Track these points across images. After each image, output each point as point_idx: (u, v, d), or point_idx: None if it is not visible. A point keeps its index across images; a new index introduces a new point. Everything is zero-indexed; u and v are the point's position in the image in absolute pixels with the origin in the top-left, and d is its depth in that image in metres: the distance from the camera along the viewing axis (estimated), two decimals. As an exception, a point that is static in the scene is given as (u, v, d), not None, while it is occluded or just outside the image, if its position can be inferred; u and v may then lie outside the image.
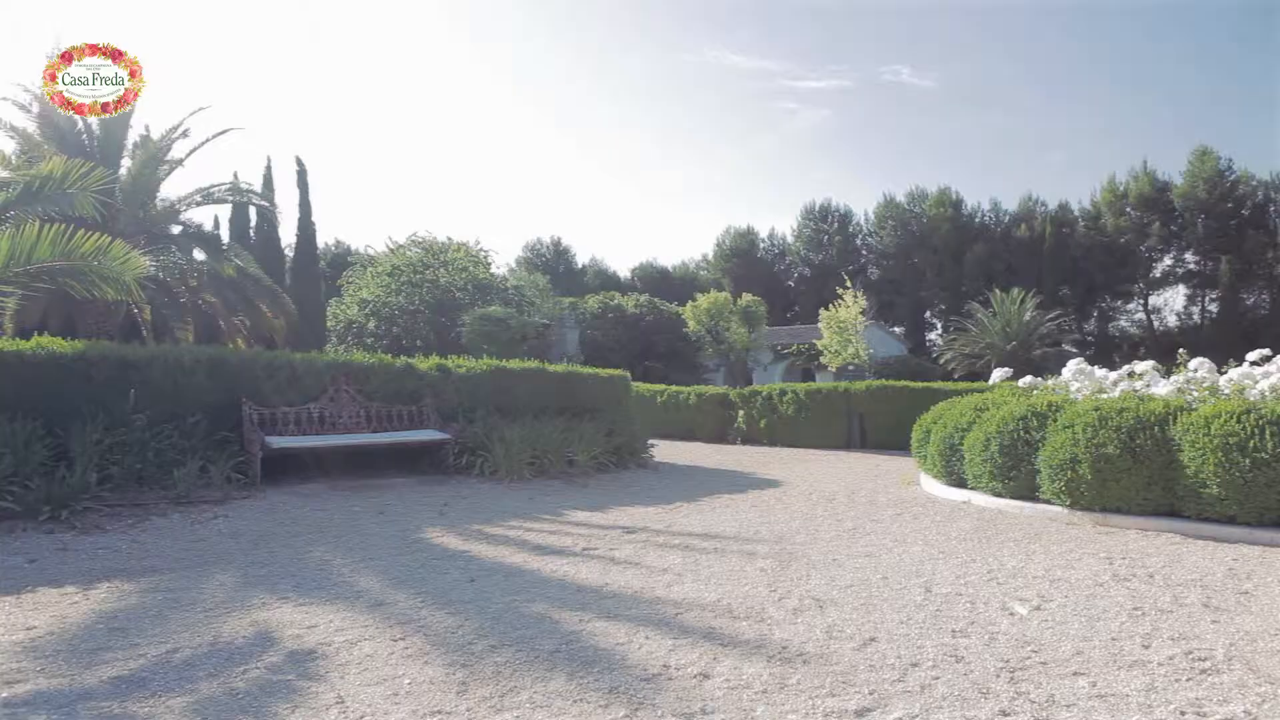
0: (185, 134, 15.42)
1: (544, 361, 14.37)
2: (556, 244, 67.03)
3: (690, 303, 32.37)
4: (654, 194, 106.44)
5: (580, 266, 67.19)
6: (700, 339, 31.92)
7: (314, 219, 23.99)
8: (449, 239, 30.44)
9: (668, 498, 9.38)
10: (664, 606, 4.70)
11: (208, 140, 15.74)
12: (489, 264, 30.45)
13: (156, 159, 15.06)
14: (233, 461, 8.59)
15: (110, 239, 8.46)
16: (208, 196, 16.46)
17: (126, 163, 15.17)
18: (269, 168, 23.11)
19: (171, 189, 17.85)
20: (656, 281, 62.40)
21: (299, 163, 23.76)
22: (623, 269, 68.12)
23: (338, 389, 10.16)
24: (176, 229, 16.15)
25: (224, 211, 23.48)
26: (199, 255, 16.15)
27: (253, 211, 22.77)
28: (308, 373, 10.02)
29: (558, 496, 9.28)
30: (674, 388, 20.49)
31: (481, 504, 8.59)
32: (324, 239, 55.15)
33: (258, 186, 21.13)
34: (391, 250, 30.06)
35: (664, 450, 15.28)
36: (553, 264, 63.40)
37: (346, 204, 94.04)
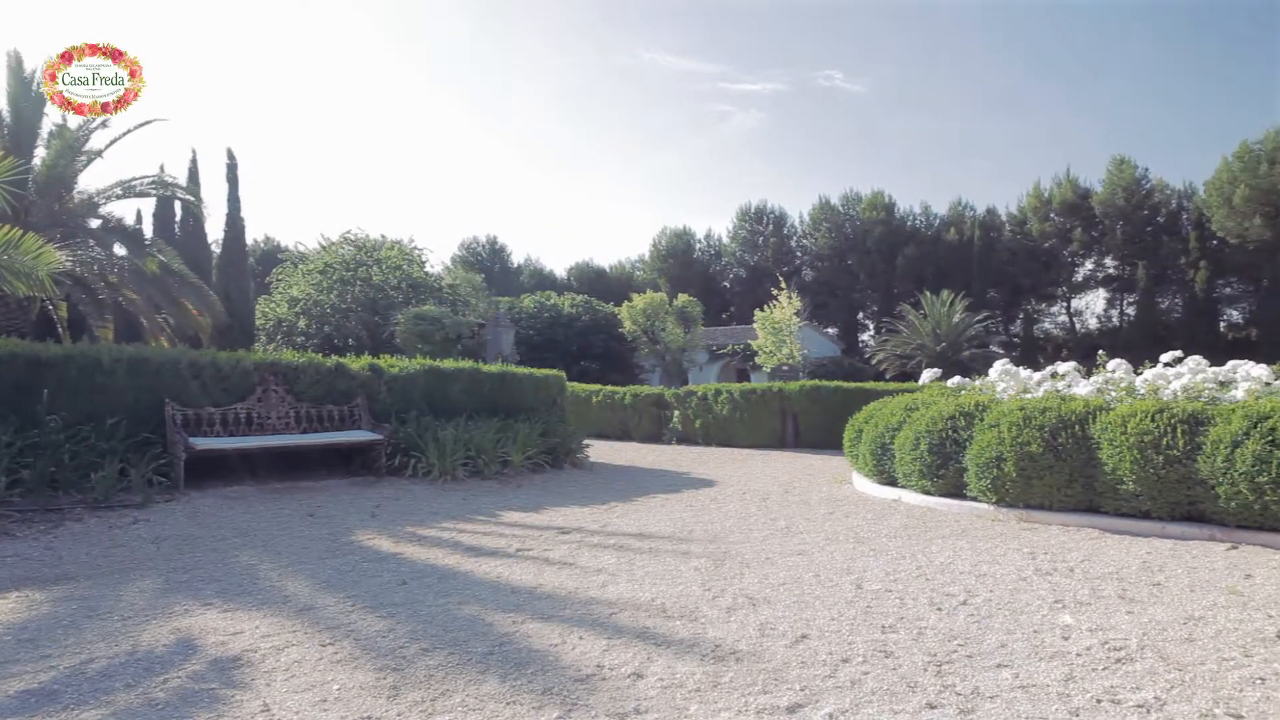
0: (105, 124, 14.84)
1: (479, 361, 14.24)
2: (492, 243, 66.54)
3: (626, 303, 32.45)
4: (591, 194, 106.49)
5: (516, 266, 66.81)
6: (636, 339, 32.01)
7: (243, 214, 23.37)
8: (383, 237, 30.03)
9: (603, 498, 9.37)
10: (598, 607, 4.69)
11: (129, 131, 15.16)
12: (423, 262, 30.10)
13: (74, 149, 14.46)
14: (155, 464, 8.31)
15: (22, 232, 8.14)
16: (129, 189, 15.87)
17: (41, 152, 14.52)
18: (194, 161, 22.39)
19: (90, 181, 17.25)
20: (593, 281, 62.35)
21: (230, 155, 23.10)
22: (559, 269, 67.99)
23: (266, 389, 9.92)
24: (95, 223, 15.52)
25: (147, 206, 22.82)
26: (120, 250, 15.56)
27: (178, 206, 22.06)
28: (235, 372, 9.76)
29: (492, 497, 9.20)
30: (609, 388, 20.48)
31: (414, 505, 8.47)
32: (253, 235, 53.98)
33: (183, 180, 20.44)
34: (324, 247, 29.52)
35: (600, 450, 15.29)
36: (488, 263, 62.92)
37: (277, 200, 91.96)
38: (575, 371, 28.93)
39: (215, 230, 23.80)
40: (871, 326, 55.50)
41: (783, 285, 28.05)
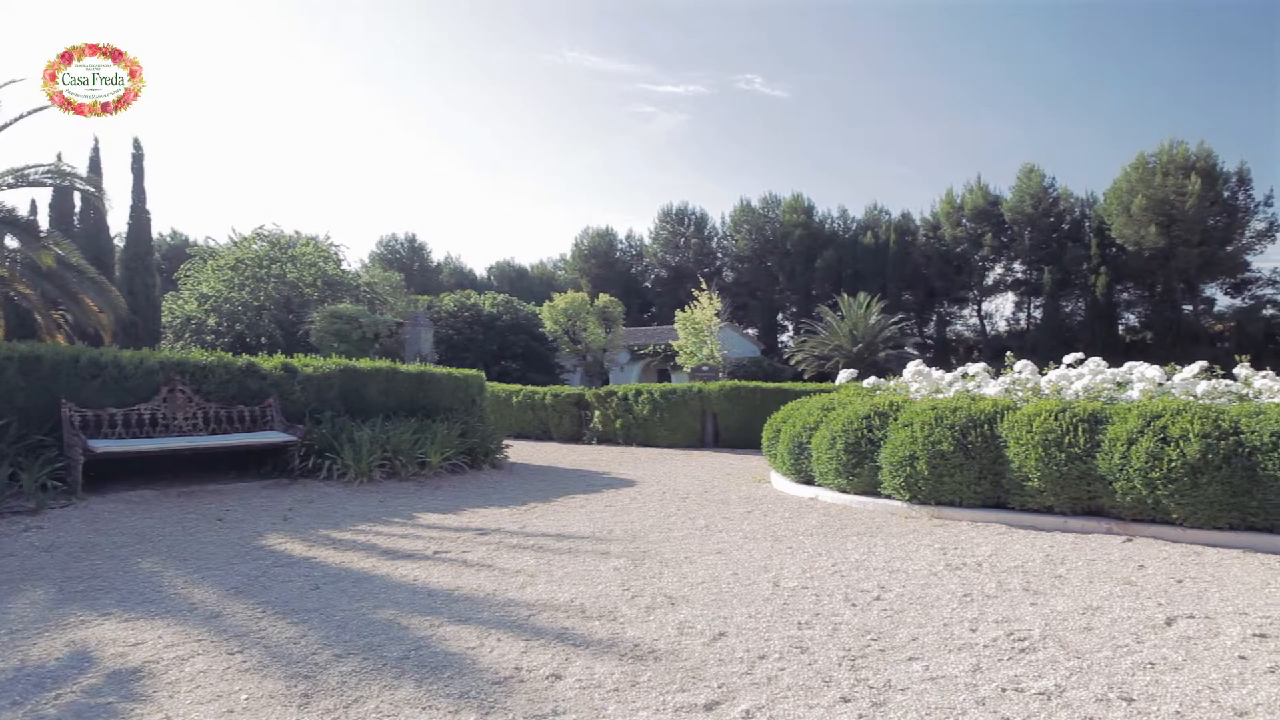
0: (-8, 109, 14.13)
1: (397, 361, 13.99)
2: (411, 240, 65.43)
3: (548, 302, 32.33)
4: (513, 193, 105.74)
5: (436, 264, 65.88)
6: (557, 339, 31.90)
7: (148, 207, 22.46)
8: (298, 233, 29.28)
9: (522, 499, 9.30)
10: (517, 608, 4.65)
11: (22, 116, 14.40)
12: (340, 260, 29.45)
13: (-41, 135, 13.72)
14: (50, 468, 7.92)
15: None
16: (21, 178, 15.08)
17: (-77, 139, 13.77)
18: (96, 150, 21.42)
19: (-21, 170, 16.31)
20: (514, 281, 62.00)
21: (135, 145, 22.15)
22: (480, 267, 67.45)
23: (172, 389, 9.55)
24: (-16, 213, 14.75)
25: (44, 196, 21.62)
26: (11, 243, 14.79)
27: (77, 197, 21.07)
28: (138, 371, 9.36)
29: (409, 499, 9.04)
30: (530, 388, 20.35)
31: (329, 508, 8.27)
32: (160, 229, 52.15)
33: (83, 170, 19.54)
34: (235, 243, 28.63)
35: (520, 451, 15.18)
36: (407, 261, 61.92)
37: (186, 193, 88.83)
38: (496, 371, 28.68)
39: (119, 223, 22.80)
40: (791, 328, 56.42)
41: (704, 286, 28.27)
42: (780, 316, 59.04)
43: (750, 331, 53.47)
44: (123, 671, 3.63)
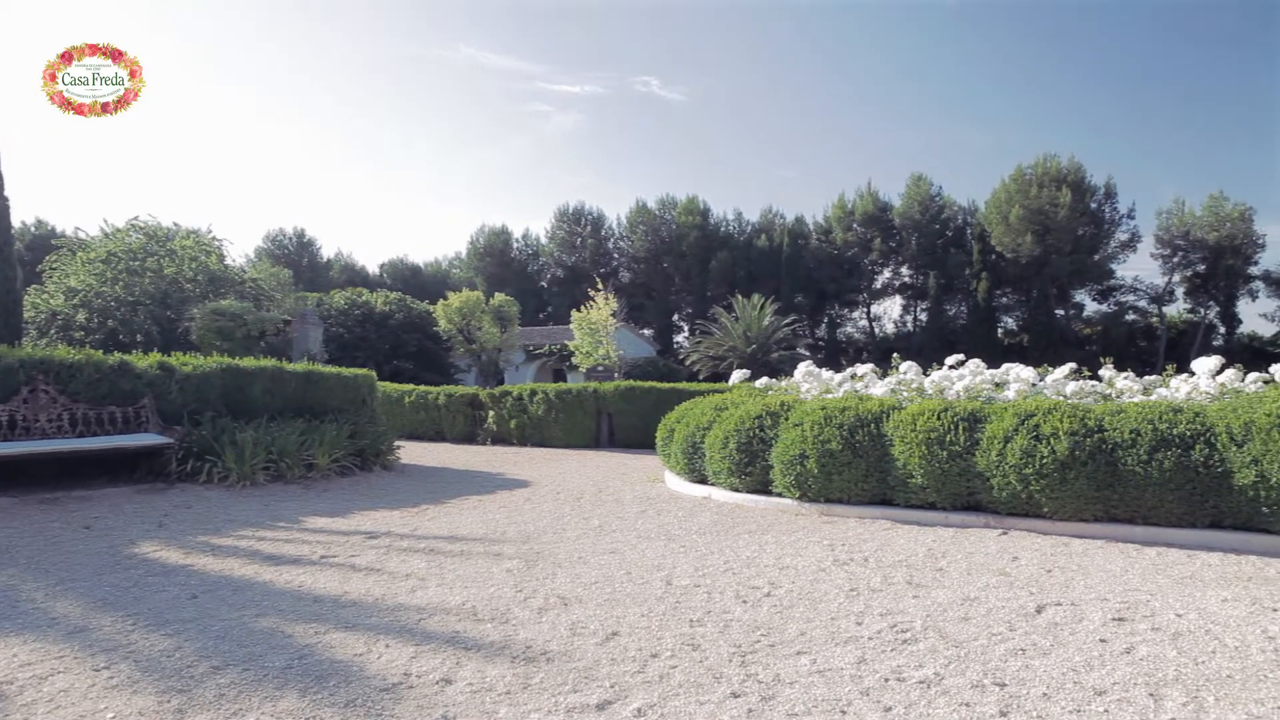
0: None
1: (284, 360, 13.51)
2: (300, 236, 63.45)
3: (442, 301, 31.80)
4: (405, 190, 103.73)
5: (326, 260, 64.12)
6: (452, 338, 31.42)
7: (7, 194, 21.01)
8: (176, 225, 27.89)
9: (413, 500, 9.12)
10: (406, 613, 4.55)
11: None
12: (223, 254, 28.18)
13: None
14: (-106, 474, 7.35)
15: None
16: None
17: None
18: (-52, 133, 19.98)
19: None
20: (407, 279, 60.85)
21: (-9, 129, 20.78)
22: (372, 265, 66.01)
23: (34, 389, 8.97)
24: None
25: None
26: None
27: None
28: (-5, 370, 8.76)
29: (295, 502, 8.75)
30: (423, 388, 19.99)
31: (209, 513, 7.92)
32: (22, 217, 49.08)
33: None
34: (107, 235, 27.04)
35: (412, 452, 14.89)
36: (296, 257, 60.06)
37: (53, 182, 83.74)
38: (388, 371, 28.08)
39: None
40: (686, 328, 57.11)
41: (600, 286, 28.29)
42: (676, 317, 59.67)
43: (646, 332, 53.85)
44: (-26, 691, 3.39)
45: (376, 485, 10.39)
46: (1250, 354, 41.85)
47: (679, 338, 57.65)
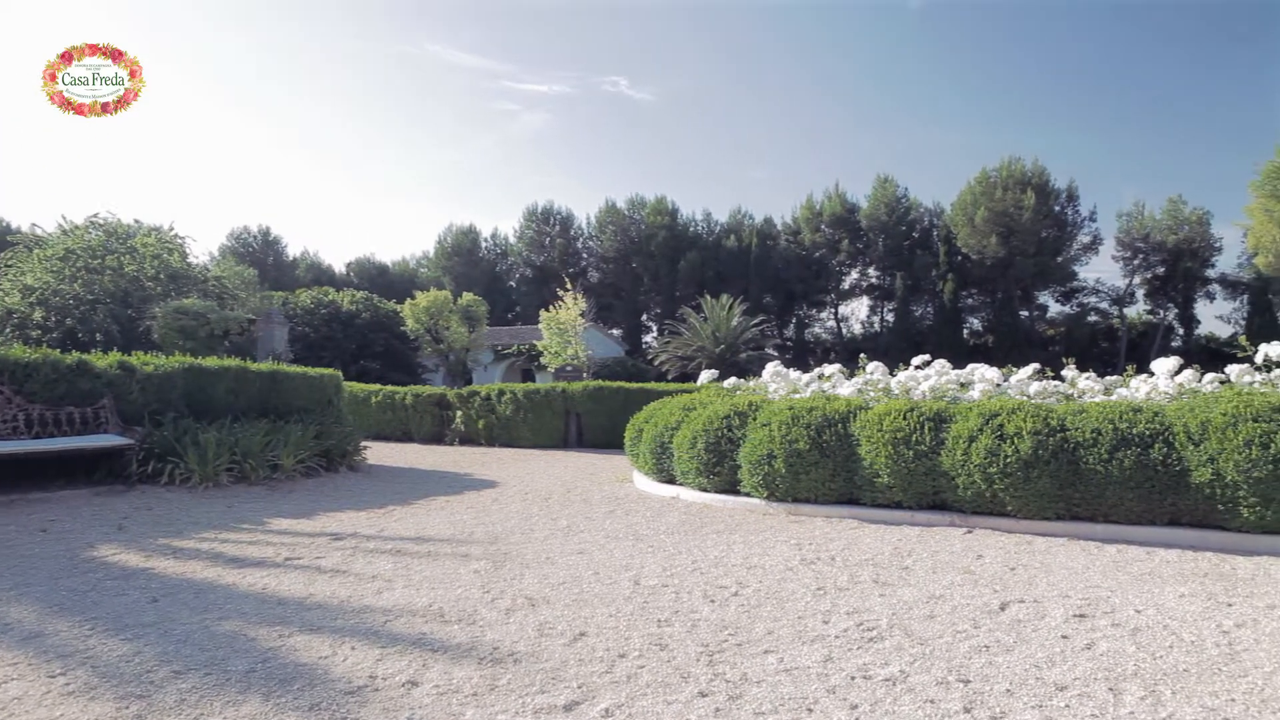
0: None
1: (248, 359, 13.34)
2: (265, 234, 62.72)
3: (409, 301, 31.61)
4: (373, 189, 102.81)
5: (292, 259, 63.42)
6: (419, 338, 31.22)
7: (-38, 191, 20.61)
8: (137, 222, 27.42)
9: (380, 501, 9.04)
10: (372, 615, 4.51)
11: None
12: (185, 252, 27.72)
13: None
14: None
15: None
16: None
17: None
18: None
19: None
20: (374, 278, 60.38)
21: (-57, 123, 20.32)
22: (339, 264, 65.43)
23: (-11, 389, 8.79)
24: None
25: None
26: None
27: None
28: (-51, 370, 8.56)
29: (260, 504, 8.64)
30: (390, 388, 19.83)
31: (170, 515, 7.79)
32: (-24, 215, 47.99)
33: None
34: (66, 232, 26.51)
35: (379, 452, 14.77)
36: (261, 255, 59.37)
37: (8, 177, 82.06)
38: (355, 371, 27.84)
39: (-71, 208, 20.82)
40: (655, 328, 57.22)
41: (568, 286, 28.24)
42: (645, 317, 59.75)
43: (615, 332, 53.87)
44: (-74, 698, 3.31)
45: (343, 486, 10.29)
46: (1208, 355, 42.64)
47: (648, 338, 57.76)
